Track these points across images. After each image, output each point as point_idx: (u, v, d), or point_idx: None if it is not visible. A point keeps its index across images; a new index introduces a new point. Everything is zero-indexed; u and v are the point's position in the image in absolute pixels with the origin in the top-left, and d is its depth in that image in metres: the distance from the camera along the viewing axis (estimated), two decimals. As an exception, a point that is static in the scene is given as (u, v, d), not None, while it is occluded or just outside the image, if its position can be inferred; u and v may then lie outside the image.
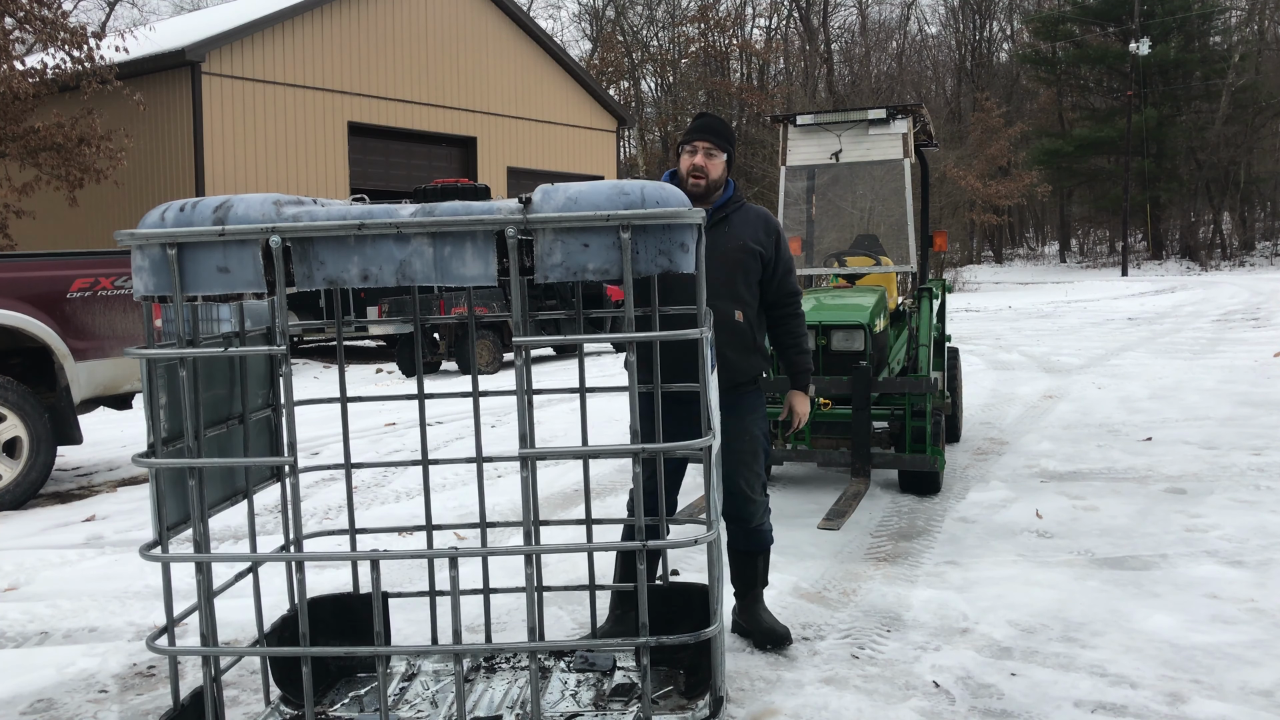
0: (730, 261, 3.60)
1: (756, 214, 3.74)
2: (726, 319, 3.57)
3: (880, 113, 7.17)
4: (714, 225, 3.62)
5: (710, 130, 3.64)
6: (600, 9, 44.17)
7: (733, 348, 3.60)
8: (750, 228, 3.67)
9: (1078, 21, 44.75)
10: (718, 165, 3.62)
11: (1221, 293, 25.62)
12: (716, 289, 3.50)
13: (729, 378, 3.57)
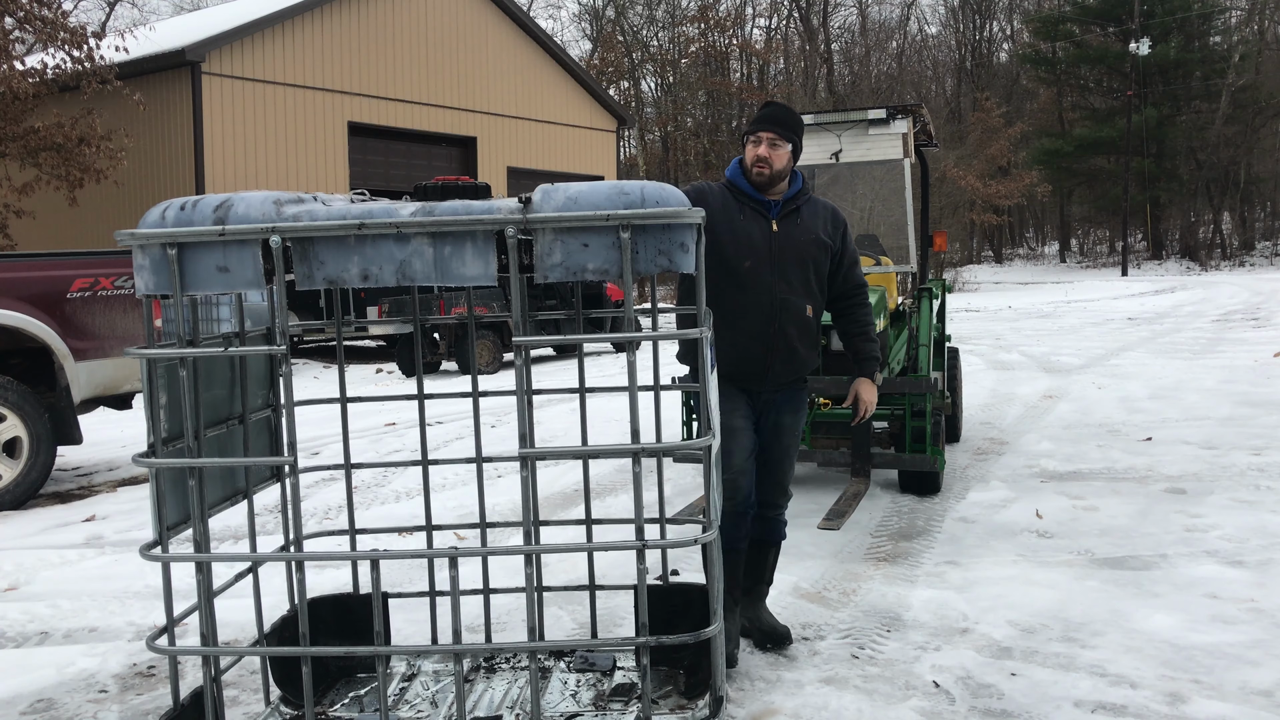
0: (804, 256, 3.61)
1: (824, 206, 3.73)
2: (799, 314, 3.60)
3: (880, 113, 7.17)
4: (785, 217, 3.62)
5: (775, 120, 3.58)
6: (600, 9, 44.19)
7: (803, 343, 3.64)
8: (820, 221, 3.66)
9: (1078, 21, 44.74)
10: (782, 156, 3.57)
11: (1221, 293, 25.62)
12: (790, 282, 3.57)
13: (795, 371, 3.65)
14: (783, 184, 3.63)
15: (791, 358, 3.62)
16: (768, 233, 3.60)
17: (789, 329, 3.58)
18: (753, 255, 3.57)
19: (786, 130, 3.58)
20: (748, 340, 3.58)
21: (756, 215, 3.61)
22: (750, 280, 3.56)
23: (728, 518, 3.59)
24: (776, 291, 3.57)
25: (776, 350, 3.59)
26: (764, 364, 3.60)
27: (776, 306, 3.57)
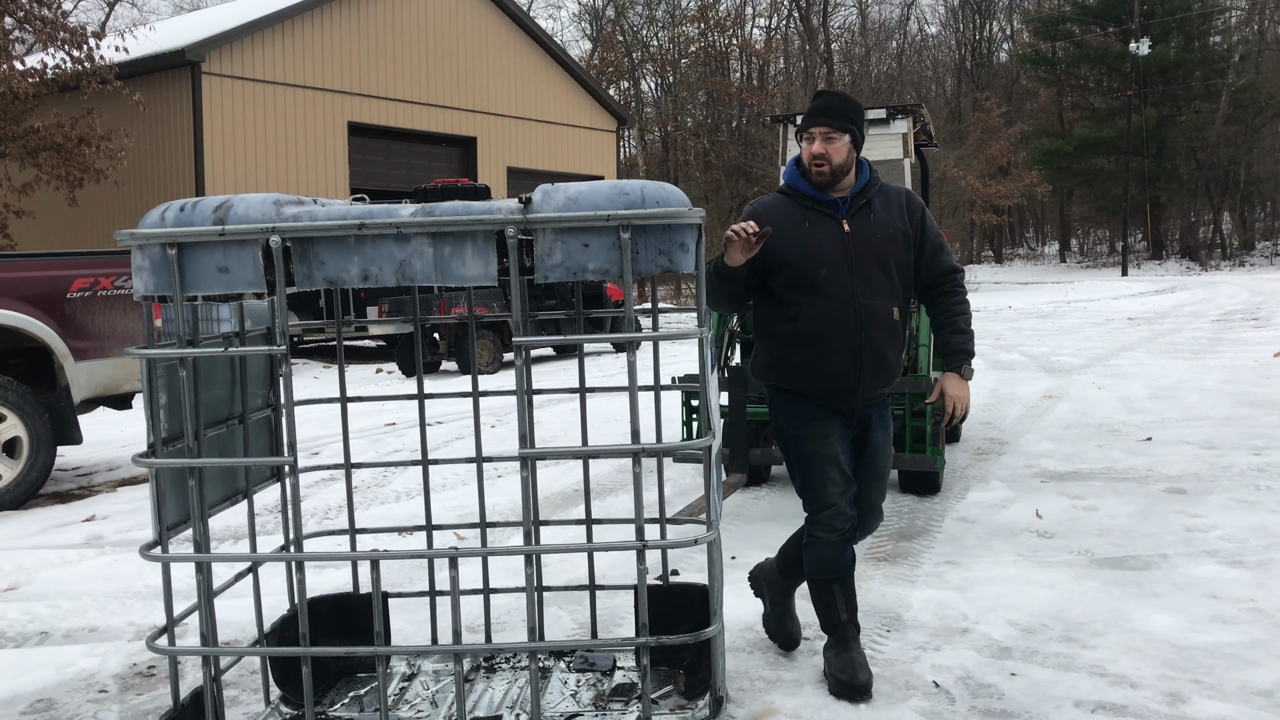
0: (881, 253, 3.29)
1: (896, 193, 3.40)
2: (884, 317, 3.28)
3: (880, 113, 7.17)
4: (856, 214, 3.30)
5: (826, 112, 3.26)
6: (600, 9, 44.20)
7: (892, 349, 3.32)
8: (894, 210, 3.34)
9: (1078, 21, 44.75)
10: (840, 149, 3.24)
11: (1221, 293, 25.61)
12: (872, 284, 3.27)
13: (885, 381, 3.36)
14: (848, 178, 3.31)
15: (881, 367, 3.31)
16: (840, 235, 3.27)
17: (876, 336, 3.26)
18: (827, 262, 3.25)
19: (840, 120, 3.25)
20: (833, 355, 3.26)
21: (824, 218, 3.29)
22: (829, 290, 3.24)
23: (830, 547, 3.36)
24: (859, 297, 3.25)
25: (865, 362, 3.27)
26: (854, 379, 3.28)
27: (861, 314, 3.25)
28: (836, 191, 3.30)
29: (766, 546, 5.15)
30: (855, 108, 3.32)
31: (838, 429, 3.34)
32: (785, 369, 3.34)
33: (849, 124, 3.26)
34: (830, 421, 3.34)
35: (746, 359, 7.27)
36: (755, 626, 4.02)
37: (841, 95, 3.35)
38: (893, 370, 3.36)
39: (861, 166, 3.37)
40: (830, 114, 3.26)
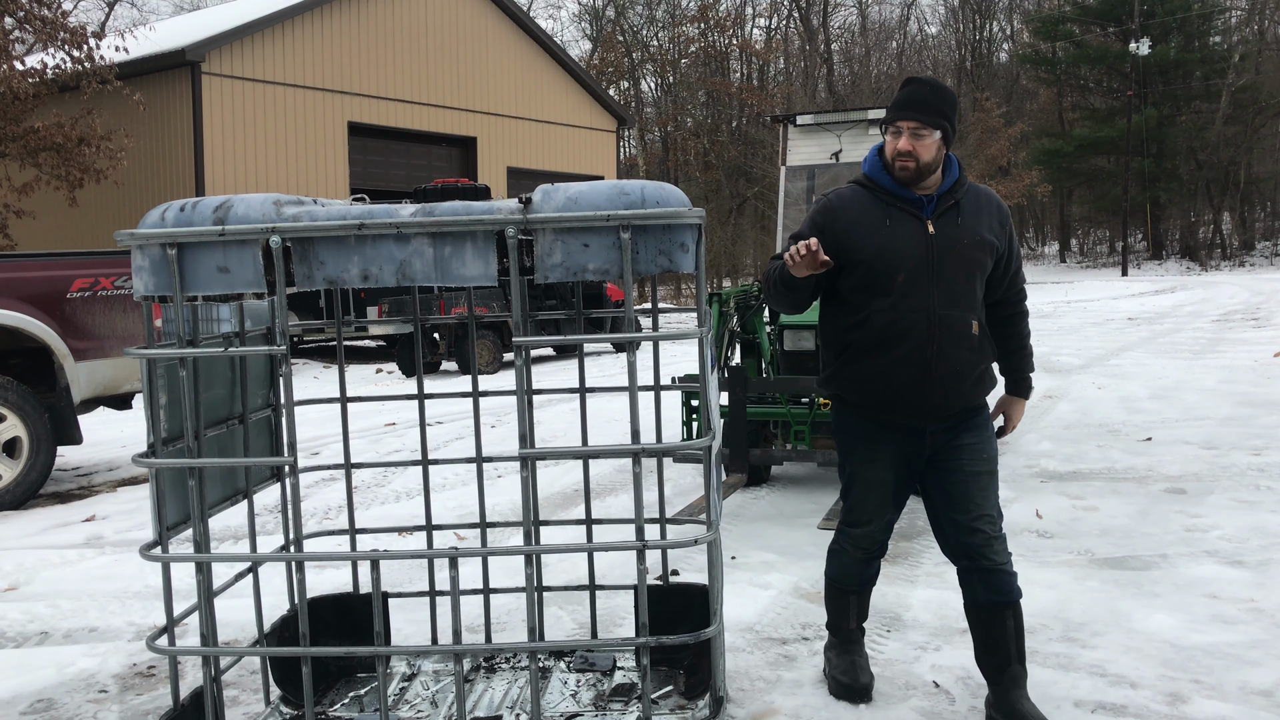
0: (968, 261, 3.00)
1: (987, 198, 3.11)
2: (964, 330, 2.99)
3: (880, 113, 7.17)
4: (942, 215, 3.01)
5: (917, 105, 2.96)
6: (600, 9, 44.20)
7: (970, 364, 3.02)
8: (984, 216, 3.05)
9: (1078, 21, 44.75)
10: (929, 146, 2.96)
11: (1221, 293, 25.61)
12: (952, 293, 2.97)
13: (964, 400, 3.05)
14: (935, 175, 3.02)
15: (958, 386, 3.01)
16: (923, 236, 2.98)
17: (952, 351, 2.97)
18: (906, 265, 2.97)
19: (931, 115, 2.95)
20: (900, 368, 2.99)
21: (907, 216, 3.00)
22: (904, 296, 2.97)
23: (855, 561, 3.29)
24: (935, 307, 2.96)
25: (937, 379, 2.98)
26: (922, 396, 3.00)
27: (936, 326, 2.96)
28: (921, 189, 3.02)
29: (766, 546, 5.16)
30: (949, 99, 3.01)
31: (889, 454, 3.10)
32: (844, 381, 3.13)
33: (941, 119, 2.97)
34: (882, 445, 3.10)
35: (747, 359, 7.28)
36: (755, 626, 4.02)
37: (935, 85, 3.03)
38: (971, 388, 3.03)
39: (950, 163, 3.07)
40: (922, 108, 2.96)
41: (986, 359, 3.07)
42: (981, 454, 3.08)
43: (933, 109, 2.97)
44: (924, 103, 2.97)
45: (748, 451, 6.35)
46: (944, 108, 2.98)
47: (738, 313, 6.98)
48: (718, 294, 6.58)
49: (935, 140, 2.97)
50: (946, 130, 2.98)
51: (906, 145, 2.96)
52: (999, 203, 3.13)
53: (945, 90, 3.03)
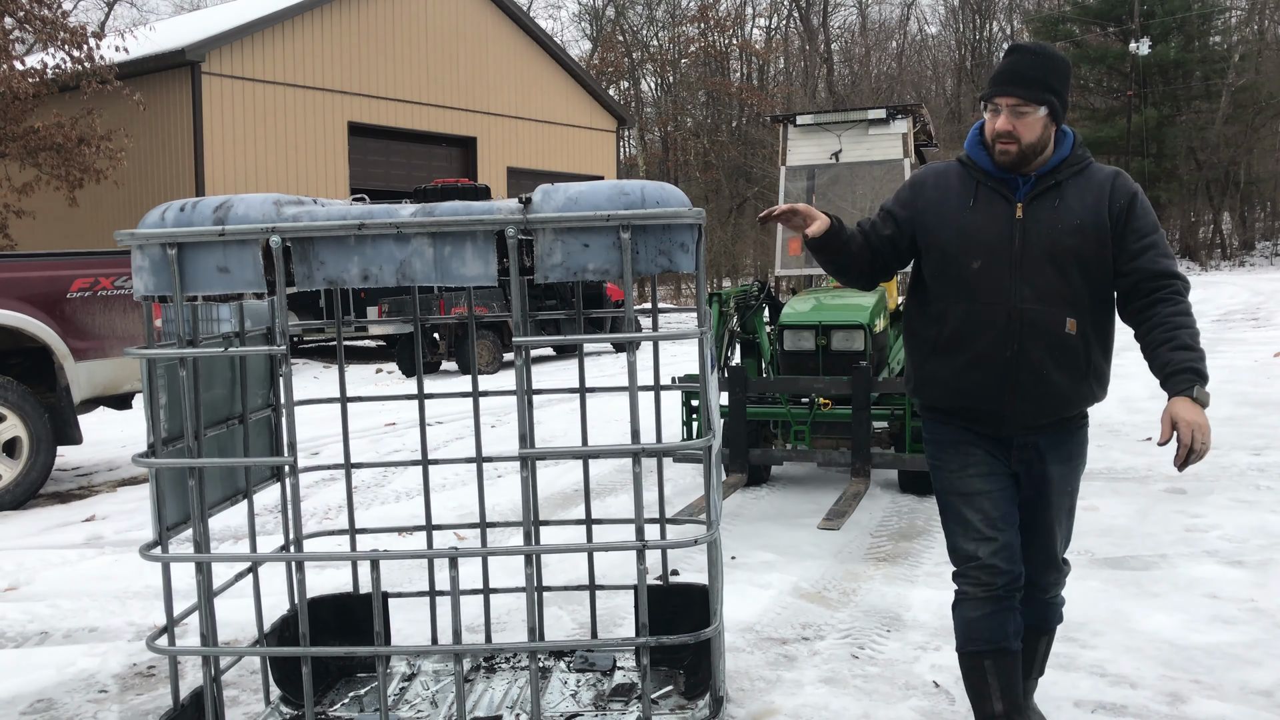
0: (1060, 248, 2.64)
1: (1103, 178, 2.70)
2: (1053, 329, 2.64)
3: (880, 113, 7.18)
4: (1038, 197, 2.67)
5: (1017, 78, 2.62)
6: (600, 9, 44.18)
7: (1061, 369, 2.66)
8: (1090, 196, 2.67)
9: (1078, 21, 44.75)
10: (1032, 125, 2.62)
11: (1221, 293, 25.60)
12: (1039, 286, 2.64)
13: (1053, 409, 2.70)
14: (1040, 157, 2.69)
15: (1043, 392, 2.67)
16: (1009, 220, 2.67)
17: (1035, 353, 2.64)
18: (985, 252, 2.67)
19: (1035, 90, 2.61)
20: (976, 369, 2.69)
21: (996, 197, 2.70)
22: (981, 287, 2.67)
23: (975, 605, 2.73)
24: (1016, 300, 2.64)
25: (1018, 382, 2.66)
26: (1000, 401, 2.69)
27: (1017, 321, 2.64)
28: (1024, 170, 2.69)
29: (766, 546, 5.16)
30: (1057, 70, 2.64)
31: (985, 460, 2.75)
32: (924, 381, 2.83)
33: (1047, 93, 2.62)
34: (974, 449, 2.76)
35: (747, 359, 7.28)
36: (755, 626, 4.02)
37: (1041, 53, 2.67)
38: (1059, 394, 2.68)
39: (1064, 137, 2.72)
40: (1023, 81, 2.62)
41: (1087, 367, 2.68)
42: (1066, 487, 2.79)
43: (1036, 81, 2.61)
44: (1027, 76, 2.61)
45: (748, 451, 6.35)
46: (1052, 79, 2.62)
47: (738, 313, 6.98)
48: (718, 294, 6.59)
49: (1041, 117, 2.62)
50: (1054, 105, 2.63)
51: (1006, 124, 2.62)
52: (1120, 178, 2.70)
53: (1053, 58, 2.65)
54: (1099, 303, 2.70)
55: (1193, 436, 2.44)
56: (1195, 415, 2.46)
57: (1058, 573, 2.87)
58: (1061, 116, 2.66)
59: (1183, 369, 2.52)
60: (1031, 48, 2.68)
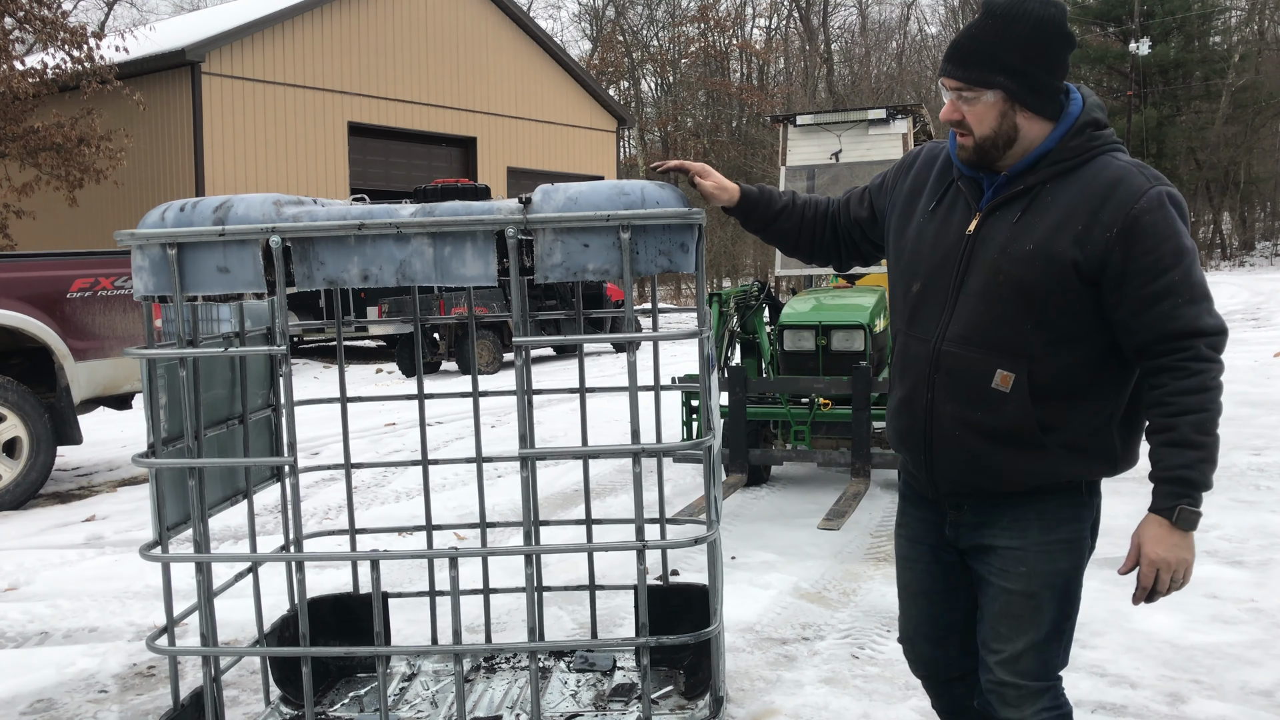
0: (1000, 281, 2.02)
1: (1101, 183, 2.01)
2: (973, 381, 2.05)
3: (880, 113, 7.18)
4: (1005, 204, 2.06)
5: (956, 55, 2.03)
6: (600, 9, 44.19)
7: (983, 434, 2.05)
8: (1080, 209, 1.99)
9: (1078, 21, 44.73)
10: (983, 113, 2.02)
11: (1221, 293, 25.60)
12: (970, 327, 2.06)
13: (982, 481, 2.10)
14: (1019, 146, 2.04)
15: (964, 459, 2.09)
16: (960, 234, 2.10)
17: (947, 407, 2.08)
18: (927, 273, 2.14)
19: (977, 68, 2.00)
20: (904, 413, 2.19)
21: (960, 202, 2.14)
22: (917, 314, 2.16)
23: (929, 696, 2.44)
24: (943, 339, 2.09)
25: (935, 439, 2.12)
26: (920, 457, 2.17)
27: (935, 365, 2.10)
28: (996, 167, 2.08)
29: (766, 546, 5.16)
30: (1017, 38, 1.97)
31: (915, 524, 2.28)
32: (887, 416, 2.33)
33: (995, 72, 1.98)
34: (909, 508, 2.31)
35: (747, 359, 7.28)
36: (755, 626, 4.02)
37: (1003, 16, 1.98)
38: (992, 470, 2.07)
39: (1064, 118, 2.05)
40: (964, 58, 2.02)
41: (1033, 435, 2.02)
42: (1017, 565, 2.09)
43: (982, 57, 1.99)
44: (969, 49, 2.01)
45: (748, 451, 6.35)
46: (1002, 52, 1.97)
47: (738, 313, 6.98)
48: (718, 294, 6.59)
49: (990, 104, 2.01)
50: (1009, 87, 1.99)
51: (949, 112, 2.07)
52: (1120, 189, 1.99)
53: (1015, 22, 1.97)
54: (1066, 354, 2.01)
55: (1158, 577, 1.96)
56: (1163, 550, 1.95)
57: (1022, 679, 2.14)
58: (1034, 98, 2.01)
59: (1169, 477, 1.95)
60: (994, 9, 2.00)
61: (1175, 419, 1.94)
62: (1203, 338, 1.94)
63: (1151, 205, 1.96)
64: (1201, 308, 1.95)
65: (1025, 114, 2.02)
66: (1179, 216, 1.98)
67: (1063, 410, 2.02)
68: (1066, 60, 2.04)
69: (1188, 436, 1.93)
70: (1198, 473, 1.93)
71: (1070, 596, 2.11)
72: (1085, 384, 2.03)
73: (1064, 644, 2.15)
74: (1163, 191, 1.99)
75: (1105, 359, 2.03)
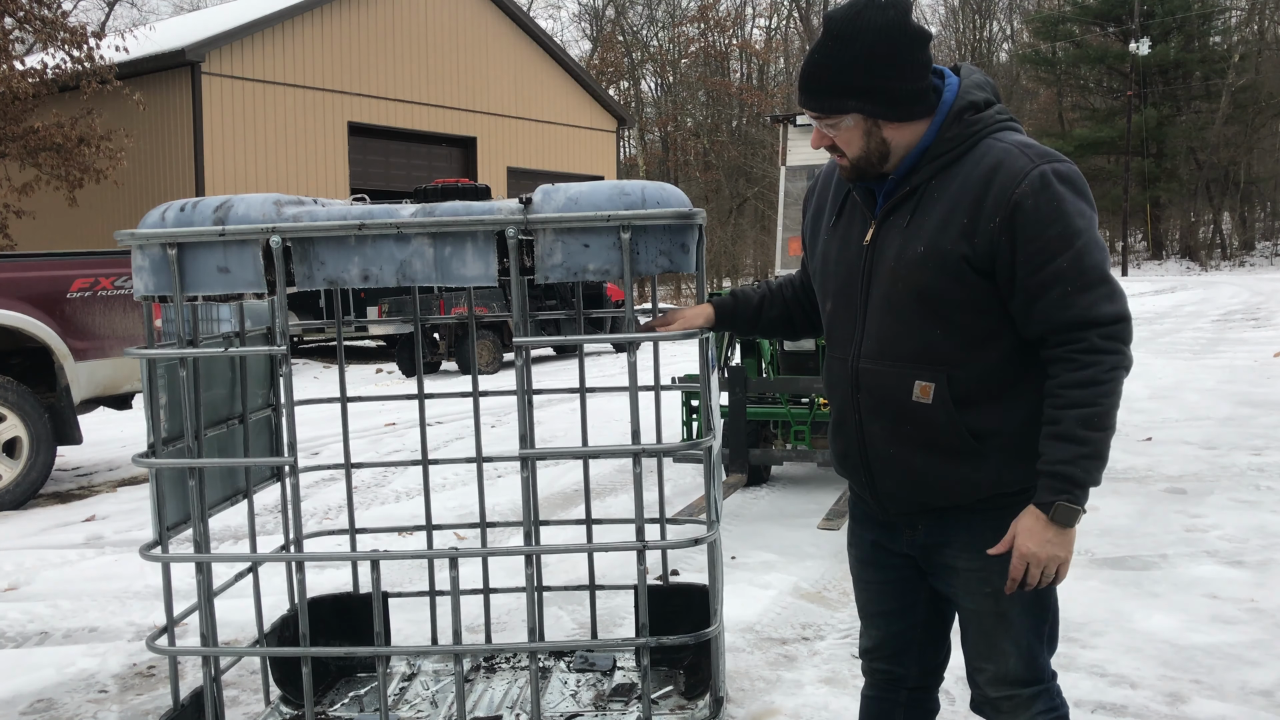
0: (900, 289, 1.98)
1: (981, 170, 1.91)
2: (895, 396, 2.00)
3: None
4: (891, 212, 2.01)
5: (806, 85, 1.98)
6: (600, 9, 44.19)
7: (917, 447, 2.01)
8: (964, 200, 1.91)
9: (1078, 21, 44.76)
10: (849, 137, 1.98)
11: (1221, 293, 25.60)
12: (881, 340, 2.01)
13: (924, 496, 2.05)
14: (902, 151, 1.98)
15: (902, 476, 2.05)
16: (858, 247, 2.06)
17: (875, 424, 2.04)
18: (835, 290, 2.12)
19: (828, 96, 1.95)
20: (839, 434, 2.16)
21: (856, 214, 2.10)
22: (833, 335, 2.14)
23: (867, 699, 2.38)
24: (852, 357, 2.06)
25: (871, 458, 2.08)
26: (862, 478, 2.13)
27: (855, 383, 2.06)
28: (886, 169, 2.01)
29: (766, 546, 5.16)
30: (858, 56, 1.89)
31: (866, 539, 2.24)
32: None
33: (846, 97, 1.93)
34: (863, 525, 2.26)
35: (747, 359, 7.28)
36: (755, 626, 4.02)
37: (839, 37, 1.90)
38: (929, 485, 2.02)
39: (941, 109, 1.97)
40: (813, 88, 1.97)
41: (965, 443, 1.96)
42: (982, 585, 2.03)
43: (830, 85, 1.93)
44: (815, 78, 1.95)
45: (748, 451, 6.35)
46: (848, 76, 1.91)
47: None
48: (718, 294, 6.57)
49: (851, 127, 1.96)
50: (866, 107, 1.93)
51: (818, 140, 2.03)
52: (999, 172, 1.89)
53: (851, 41, 1.88)
54: (983, 355, 1.95)
55: (1028, 570, 1.92)
56: (1034, 545, 1.90)
57: (1013, 689, 2.11)
58: (893, 110, 1.93)
59: (1050, 472, 1.89)
60: (831, 28, 1.92)
61: (1062, 412, 1.89)
62: (1096, 328, 1.88)
63: (1034, 188, 1.86)
64: (1096, 294, 1.88)
65: (890, 126, 1.96)
66: (1070, 195, 1.88)
67: (993, 413, 1.97)
68: (922, 57, 1.93)
69: (1072, 431, 1.88)
70: (1079, 469, 1.88)
71: (1042, 602, 2.07)
72: (1011, 383, 1.97)
73: (1048, 643, 2.12)
74: (1046, 170, 1.88)
75: (1027, 353, 1.96)
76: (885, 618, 2.24)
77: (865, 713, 2.35)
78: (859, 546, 2.26)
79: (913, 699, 2.29)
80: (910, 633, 2.23)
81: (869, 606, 2.27)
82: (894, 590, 2.21)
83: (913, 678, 2.27)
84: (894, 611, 2.23)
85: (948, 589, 2.11)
